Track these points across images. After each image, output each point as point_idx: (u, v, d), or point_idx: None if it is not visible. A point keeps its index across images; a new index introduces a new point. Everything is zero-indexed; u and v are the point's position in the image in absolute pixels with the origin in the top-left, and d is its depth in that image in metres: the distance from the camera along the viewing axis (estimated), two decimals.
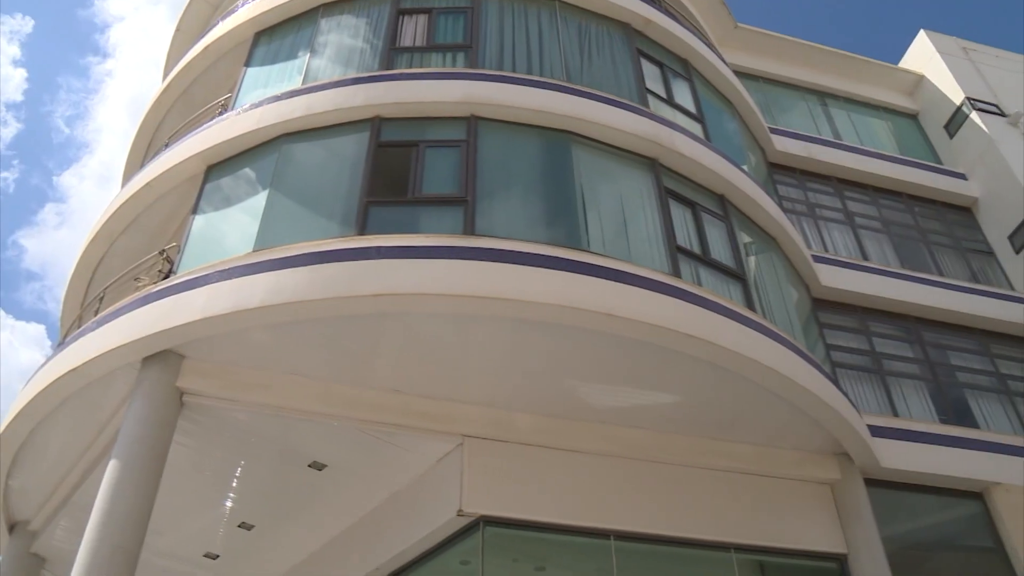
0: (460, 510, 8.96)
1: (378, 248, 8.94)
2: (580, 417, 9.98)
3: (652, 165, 11.19)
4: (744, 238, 11.85)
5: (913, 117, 19.76)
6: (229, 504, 11.15)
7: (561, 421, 9.91)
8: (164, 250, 11.30)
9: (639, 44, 13.21)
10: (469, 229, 9.43)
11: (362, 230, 9.50)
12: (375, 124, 10.70)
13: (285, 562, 11.97)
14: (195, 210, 11.04)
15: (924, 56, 20.00)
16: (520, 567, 9.83)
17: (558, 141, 10.81)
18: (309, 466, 10.27)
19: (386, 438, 9.63)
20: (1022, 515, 11.74)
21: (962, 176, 17.73)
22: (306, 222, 10.16)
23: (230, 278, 9.05)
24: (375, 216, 9.74)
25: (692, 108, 13.13)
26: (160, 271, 11.00)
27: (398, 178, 10.17)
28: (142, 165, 13.88)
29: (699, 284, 10.09)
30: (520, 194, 10.36)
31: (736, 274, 10.88)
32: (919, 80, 19.87)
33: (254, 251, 9.46)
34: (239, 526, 11.43)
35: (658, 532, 9.78)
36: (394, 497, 10.35)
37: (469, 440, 9.48)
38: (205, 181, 11.35)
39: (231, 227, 10.61)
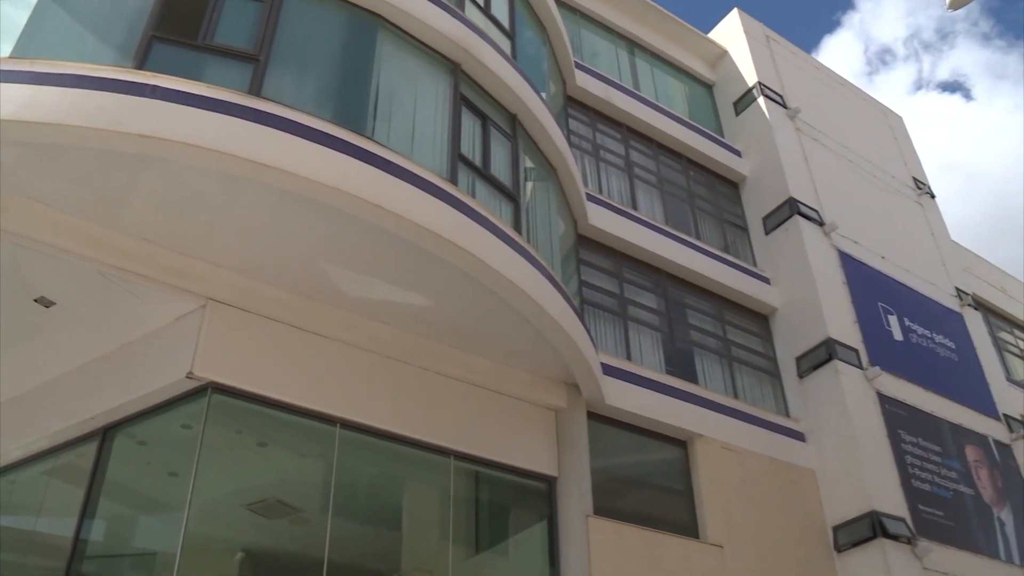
0: (190, 372, 8.78)
1: (154, 87, 8.35)
2: (329, 302, 9.96)
3: (453, 70, 11.13)
4: (526, 162, 12.07)
5: (709, 87, 20.69)
6: None
7: (309, 302, 9.85)
8: None
9: None
10: (255, 90, 9.01)
11: (141, 64, 8.82)
12: None
13: None
14: None
15: (732, 33, 20.86)
16: (242, 440, 9.79)
17: (366, 23, 10.49)
18: (36, 301, 9.62)
19: (126, 287, 9.17)
20: (713, 465, 12.93)
21: (738, 153, 18.79)
22: (79, 41, 9.33)
23: None
24: (158, 53, 9.08)
25: (506, 24, 13.11)
26: None
27: (191, 19, 9.50)
28: None
29: (472, 196, 10.21)
30: (315, 67, 10.01)
31: (511, 194, 11.10)
32: (723, 54, 20.76)
33: (11, 57, 8.57)
34: None
35: (384, 428, 10.03)
36: (123, 349, 9.90)
37: (213, 304, 9.24)
38: None
39: None
